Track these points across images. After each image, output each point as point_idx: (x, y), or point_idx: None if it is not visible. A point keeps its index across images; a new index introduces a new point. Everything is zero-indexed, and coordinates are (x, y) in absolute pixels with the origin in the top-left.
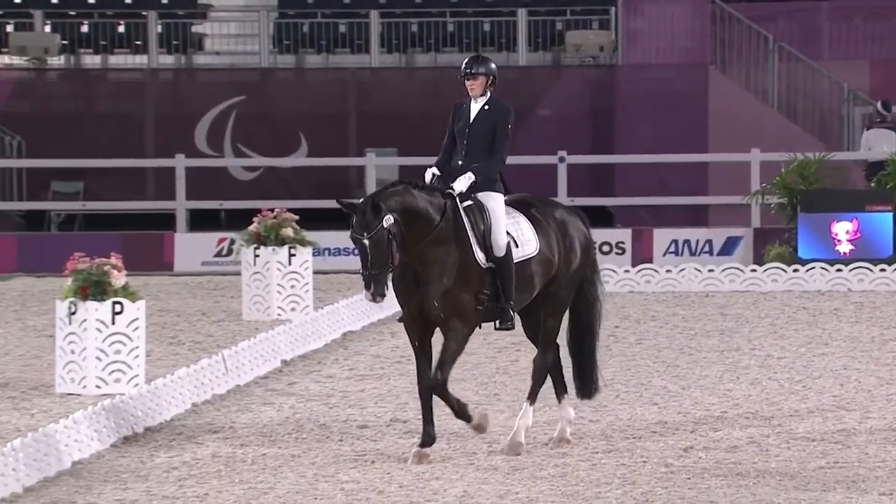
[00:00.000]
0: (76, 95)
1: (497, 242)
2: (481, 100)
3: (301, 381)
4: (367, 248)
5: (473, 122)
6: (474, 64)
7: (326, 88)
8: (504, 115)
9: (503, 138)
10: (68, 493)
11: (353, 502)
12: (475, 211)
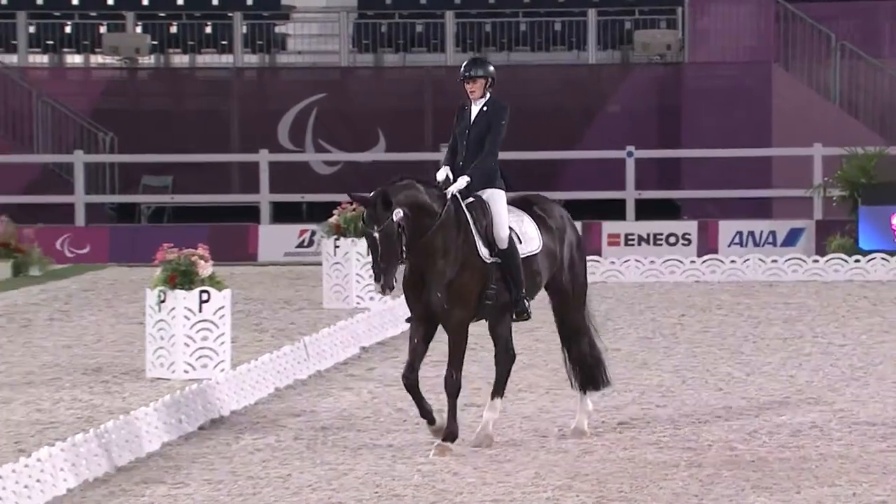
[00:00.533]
0: (165, 93)
1: (499, 235)
2: (480, 101)
3: (379, 367)
4: (378, 241)
5: (473, 124)
6: (473, 67)
7: (403, 86)
8: (499, 113)
9: (495, 134)
10: (158, 474)
11: (429, 483)
12: (477, 207)
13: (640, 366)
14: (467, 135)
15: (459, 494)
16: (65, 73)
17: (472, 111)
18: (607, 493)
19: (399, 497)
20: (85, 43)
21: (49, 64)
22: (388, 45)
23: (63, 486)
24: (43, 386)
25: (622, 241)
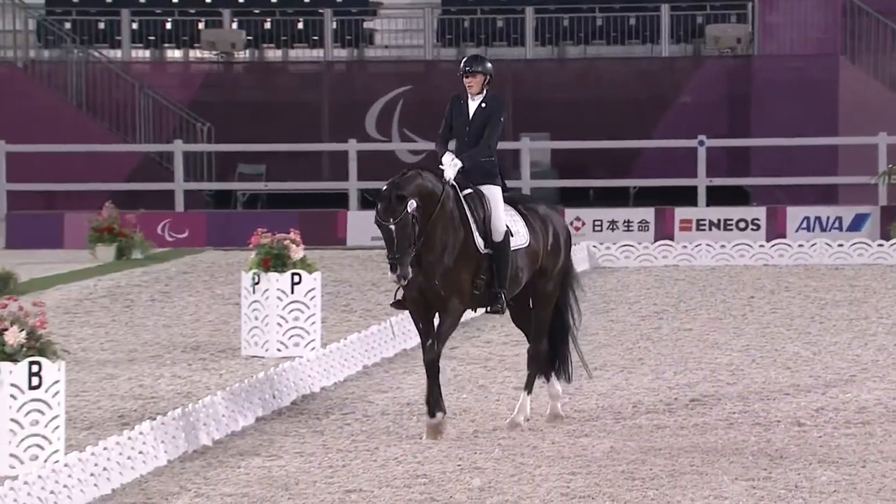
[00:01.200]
0: (259, 86)
1: (497, 228)
2: (478, 97)
3: (462, 346)
4: (394, 233)
5: (473, 118)
6: (473, 63)
7: None
8: (497, 108)
9: (493, 127)
10: (253, 446)
11: (508, 456)
12: (475, 199)
13: (711, 345)
14: (467, 130)
15: (538, 468)
16: (165, 67)
17: (469, 105)
18: (679, 466)
19: (481, 469)
20: (184, 38)
21: (151, 58)
22: (471, 40)
23: (164, 457)
24: (145, 363)
25: (694, 226)
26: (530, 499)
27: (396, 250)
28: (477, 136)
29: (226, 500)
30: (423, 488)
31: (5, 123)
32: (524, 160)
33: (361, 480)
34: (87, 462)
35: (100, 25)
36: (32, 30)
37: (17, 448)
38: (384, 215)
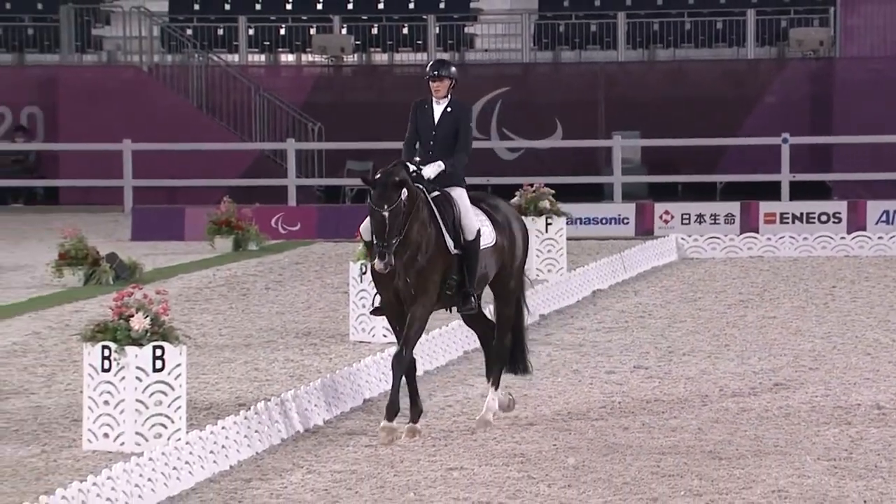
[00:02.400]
0: (367, 88)
1: (469, 227)
2: (444, 101)
3: (556, 333)
4: (386, 220)
5: (439, 123)
6: (440, 68)
7: (579, 80)
8: (466, 115)
9: (466, 135)
10: (361, 426)
11: (601, 437)
12: (443, 201)
13: (794, 332)
14: (433, 134)
15: (629, 448)
16: (279, 70)
17: (434, 110)
18: (764, 447)
19: (575, 449)
20: (297, 43)
21: (265, 62)
22: (566, 43)
23: (278, 436)
24: (259, 348)
25: (777, 219)
26: (622, 477)
27: (387, 237)
28: (443, 139)
29: (335, 476)
30: (521, 466)
31: (131, 123)
32: (616, 157)
33: (462, 459)
34: (207, 440)
35: (219, 31)
36: (157, 36)
37: (142, 427)
38: (378, 201)
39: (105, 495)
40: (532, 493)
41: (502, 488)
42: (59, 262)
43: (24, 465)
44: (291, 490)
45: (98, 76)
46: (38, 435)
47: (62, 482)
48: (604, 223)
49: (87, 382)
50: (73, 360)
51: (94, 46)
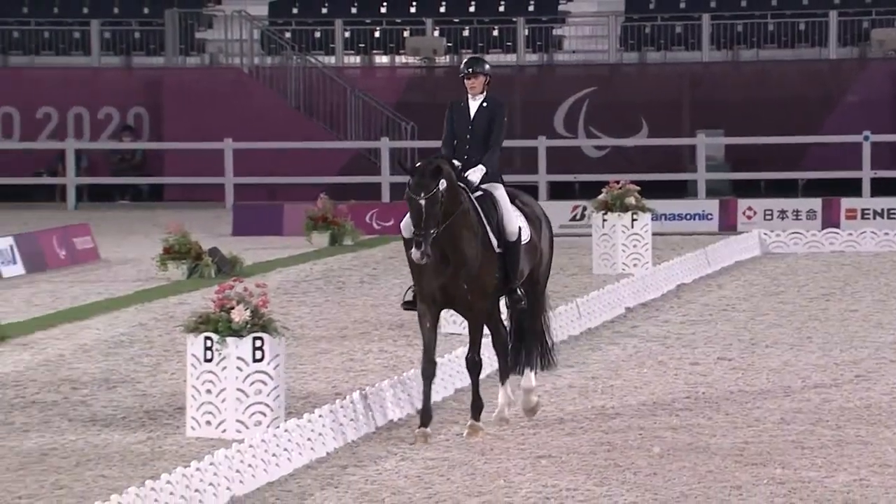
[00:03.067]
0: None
1: (510, 227)
2: (479, 98)
3: (642, 325)
4: (423, 208)
5: (475, 119)
6: (474, 65)
7: (664, 80)
8: (500, 110)
9: (500, 131)
10: (453, 415)
11: (686, 427)
12: (486, 200)
13: (875, 325)
14: (470, 129)
15: (713, 437)
16: (374, 72)
17: (470, 107)
18: (845, 436)
19: (661, 438)
20: (391, 45)
21: (360, 63)
22: (651, 44)
23: (373, 424)
24: (355, 339)
25: (859, 215)
26: (706, 465)
27: (423, 226)
28: (479, 135)
29: (428, 463)
30: (607, 455)
31: (232, 123)
32: (700, 154)
33: (551, 447)
34: (305, 428)
35: (316, 34)
36: (257, 39)
37: (242, 415)
38: (416, 189)
39: (208, 480)
40: (619, 480)
41: (590, 475)
42: (164, 256)
43: (131, 450)
44: (385, 476)
45: (201, 78)
46: (145, 422)
47: (167, 468)
48: (688, 219)
49: (190, 372)
50: (177, 350)
51: (197, 49)
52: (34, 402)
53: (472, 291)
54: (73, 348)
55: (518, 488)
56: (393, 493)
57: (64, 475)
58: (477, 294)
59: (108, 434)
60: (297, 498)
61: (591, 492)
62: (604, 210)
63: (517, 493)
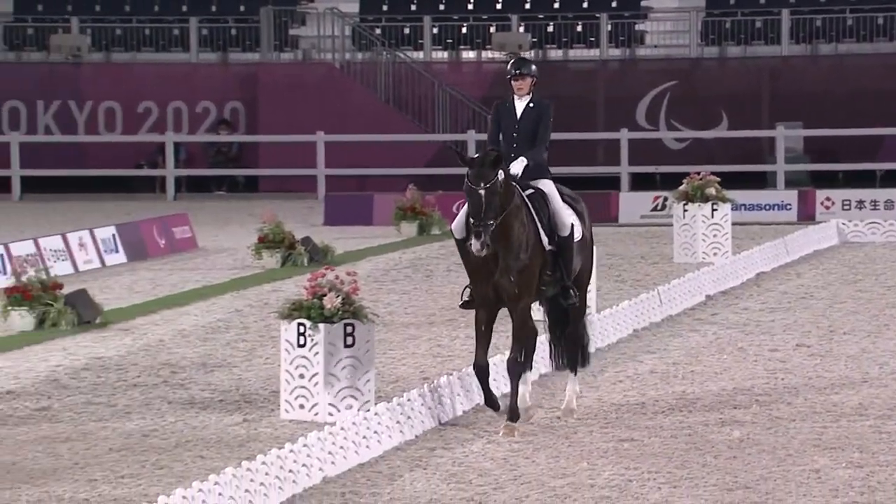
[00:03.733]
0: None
1: (563, 222)
2: (526, 98)
3: (721, 313)
4: (483, 198)
5: (521, 120)
6: (522, 66)
7: (744, 74)
8: (547, 110)
9: (546, 130)
10: (537, 399)
11: (765, 411)
12: (538, 198)
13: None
14: (517, 130)
15: (792, 421)
16: (460, 67)
17: (516, 107)
18: None
19: (741, 423)
20: (477, 41)
21: (448, 59)
22: (732, 39)
23: (459, 408)
24: (442, 325)
25: None
26: (785, 449)
27: (484, 216)
28: (526, 135)
29: (513, 446)
30: (688, 438)
31: (324, 117)
32: (779, 146)
33: (633, 431)
34: (394, 411)
35: (405, 30)
36: (348, 35)
37: (334, 398)
38: (475, 180)
39: (301, 461)
40: (699, 463)
41: (671, 459)
42: (259, 245)
43: (228, 432)
44: (472, 458)
45: (294, 73)
46: (240, 405)
47: (262, 449)
48: (767, 209)
49: (283, 357)
50: (272, 335)
51: (290, 45)
52: (135, 386)
53: (519, 285)
54: (172, 333)
55: (601, 471)
56: (479, 474)
57: (164, 456)
58: (524, 288)
59: (206, 416)
60: (386, 479)
61: (672, 474)
62: (685, 200)
63: (600, 476)
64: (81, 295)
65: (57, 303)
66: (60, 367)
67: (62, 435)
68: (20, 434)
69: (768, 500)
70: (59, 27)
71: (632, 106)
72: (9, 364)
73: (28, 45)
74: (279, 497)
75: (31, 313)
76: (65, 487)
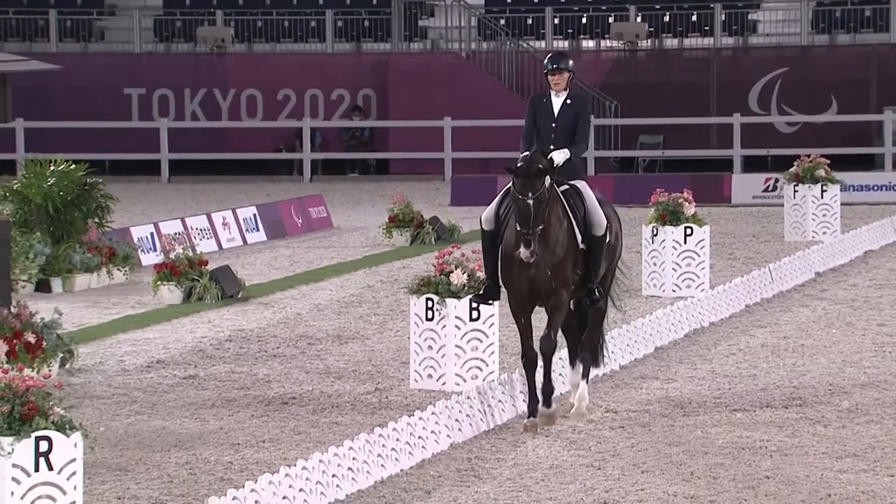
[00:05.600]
0: (658, 69)
1: (598, 222)
2: (563, 94)
3: (831, 289)
4: (531, 208)
5: (559, 115)
6: (559, 61)
7: (853, 60)
8: (585, 106)
9: (586, 126)
10: (653, 371)
11: (873, 384)
12: (573, 195)
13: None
14: (554, 126)
15: None
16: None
17: (553, 102)
18: None
19: (849, 394)
20: (596, 30)
21: (569, 48)
22: (841, 27)
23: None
24: None
25: None
26: (893, 419)
27: (533, 224)
28: (565, 131)
29: (630, 415)
30: (798, 409)
31: (451, 103)
32: (887, 129)
33: (744, 401)
34: (517, 381)
35: (528, 21)
36: (474, 25)
37: (461, 369)
38: (523, 190)
39: (430, 428)
40: (809, 432)
41: (782, 428)
42: (389, 224)
43: (361, 400)
44: (592, 427)
45: (423, 62)
46: (372, 375)
47: (393, 416)
48: (875, 190)
49: (413, 330)
50: (401, 310)
51: (419, 35)
52: (275, 356)
53: (556, 278)
54: (308, 307)
55: (714, 439)
56: (598, 441)
57: (301, 421)
58: (560, 281)
59: (341, 385)
60: (510, 445)
61: (783, 443)
62: (795, 182)
63: (714, 444)
64: (225, 271)
65: (202, 278)
66: (206, 339)
67: (208, 402)
68: (169, 400)
69: (876, 467)
70: (205, 20)
71: (744, 92)
72: (158, 335)
73: (176, 38)
74: (409, 462)
75: (178, 288)
76: (210, 451)
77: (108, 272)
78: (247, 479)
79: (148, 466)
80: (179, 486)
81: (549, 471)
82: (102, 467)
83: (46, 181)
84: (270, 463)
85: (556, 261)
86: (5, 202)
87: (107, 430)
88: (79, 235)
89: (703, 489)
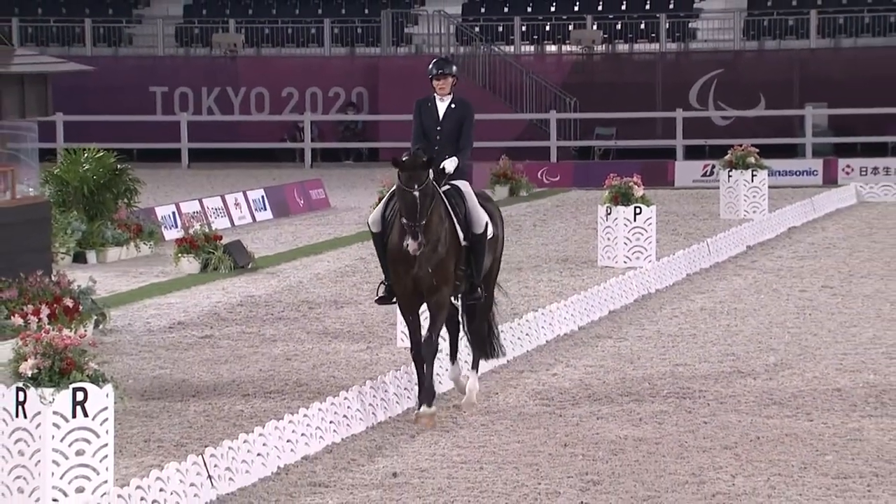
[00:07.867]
0: (611, 71)
1: (478, 220)
2: (447, 99)
3: (759, 260)
4: (418, 199)
5: (444, 119)
6: (443, 66)
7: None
8: (469, 111)
9: (469, 131)
10: (606, 331)
11: (796, 341)
12: (454, 194)
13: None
14: (439, 129)
15: (818, 349)
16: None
17: (438, 107)
18: None
19: (776, 350)
20: (558, 37)
21: (534, 52)
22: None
23: (543, 337)
24: (529, 271)
25: None
26: (812, 371)
27: (419, 216)
28: (448, 135)
29: (588, 369)
30: (731, 364)
31: None
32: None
33: (686, 357)
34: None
35: (499, 28)
36: (452, 32)
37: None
38: (409, 182)
39: (414, 381)
40: (741, 384)
41: (717, 380)
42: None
43: (354, 357)
44: (554, 380)
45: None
46: (364, 335)
47: (382, 371)
48: (797, 175)
49: None
50: None
51: (405, 41)
52: (280, 319)
53: (437, 275)
54: (309, 276)
55: (660, 389)
56: (560, 392)
57: (303, 375)
58: (441, 279)
59: (337, 344)
60: (483, 395)
61: (718, 392)
62: (729, 168)
63: (659, 394)
64: (237, 244)
65: (217, 251)
66: (220, 303)
67: (222, 358)
68: (188, 357)
69: (798, 413)
70: (220, 27)
71: (685, 90)
72: (179, 300)
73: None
74: (398, 409)
75: (196, 259)
76: (224, 401)
77: (135, 246)
78: (255, 424)
79: (170, 413)
80: (198, 431)
81: (518, 418)
82: (131, 414)
83: (82, 167)
84: (276, 411)
85: (438, 259)
86: (46, 185)
87: (134, 383)
88: (110, 214)
89: (649, 432)
